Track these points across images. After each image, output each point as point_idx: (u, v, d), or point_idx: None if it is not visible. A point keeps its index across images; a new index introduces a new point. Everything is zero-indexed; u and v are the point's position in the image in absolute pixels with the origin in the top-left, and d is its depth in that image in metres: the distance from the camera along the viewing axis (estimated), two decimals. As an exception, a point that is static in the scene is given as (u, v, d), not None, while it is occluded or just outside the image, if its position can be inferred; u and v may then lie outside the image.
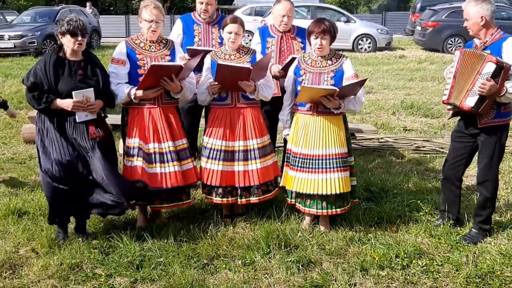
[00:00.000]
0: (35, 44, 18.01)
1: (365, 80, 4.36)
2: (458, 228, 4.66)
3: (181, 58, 4.61)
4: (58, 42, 4.26)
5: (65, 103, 4.10)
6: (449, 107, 4.48)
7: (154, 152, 4.46)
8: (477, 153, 4.47)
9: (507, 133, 4.39)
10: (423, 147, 7.19)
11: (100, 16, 25.68)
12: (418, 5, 23.63)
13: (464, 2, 4.31)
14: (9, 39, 18.05)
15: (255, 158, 4.62)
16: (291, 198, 4.69)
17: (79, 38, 4.15)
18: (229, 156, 4.62)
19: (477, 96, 4.08)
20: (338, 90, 4.22)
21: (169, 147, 4.49)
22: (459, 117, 4.55)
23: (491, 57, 4.02)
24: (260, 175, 4.63)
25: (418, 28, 19.81)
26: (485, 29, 4.22)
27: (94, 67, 4.31)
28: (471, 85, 4.12)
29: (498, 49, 4.15)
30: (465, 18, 4.26)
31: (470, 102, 4.13)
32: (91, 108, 4.18)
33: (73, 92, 4.08)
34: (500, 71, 3.99)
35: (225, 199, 4.71)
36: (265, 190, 4.71)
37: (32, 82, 4.12)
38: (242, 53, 4.69)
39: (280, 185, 4.76)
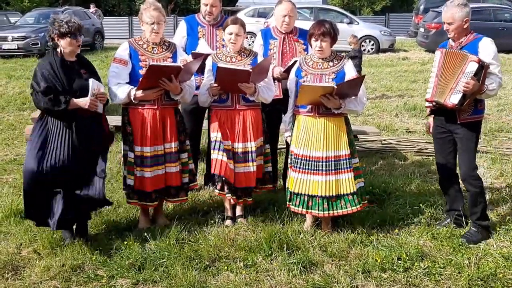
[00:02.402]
0: (39, 46, 18.07)
1: (363, 77, 4.40)
2: (461, 230, 4.65)
3: (182, 61, 4.62)
4: (51, 42, 4.22)
5: (81, 102, 4.10)
6: (427, 104, 4.69)
7: (148, 156, 4.51)
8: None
9: (480, 128, 4.61)
10: (426, 149, 7.17)
11: (104, 17, 25.72)
12: (422, 7, 23.60)
13: (445, 7, 4.44)
14: (12, 41, 18.13)
15: (252, 161, 4.65)
16: (290, 201, 4.66)
17: (79, 39, 4.17)
18: (229, 155, 4.65)
19: (461, 94, 4.25)
20: (336, 87, 4.23)
21: (163, 149, 4.54)
22: (433, 115, 4.72)
23: (473, 57, 4.21)
24: (256, 177, 4.70)
25: (421, 29, 19.76)
26: (465, 31, 4.38)
27: (88, 66, 4.34)
28: (454, 84, 4.30)
29: (474, 49, 4.32)
30: (448, 21, 4.37)
31: (454, 99, 4.31)
32: (101, 97, 4.19)
33: (90, 80, 4.10)
34: (482, 70, 4.19)
35: (232, 195, 4.78)
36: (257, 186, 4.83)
37: (46, 86, 4.06)
38: (243, 55, 4.71)
39: (287, 187, 4.74)
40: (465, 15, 4.31)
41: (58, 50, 4.20)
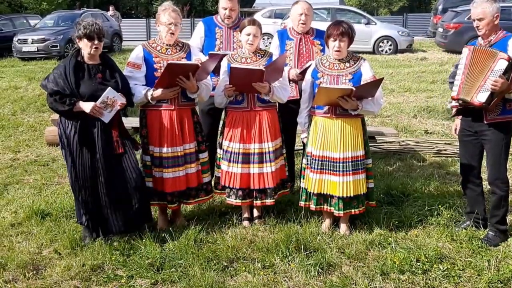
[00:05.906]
0: (58, 48, 18.28)
1: (381, 79, 4.36)
2: (480, 232, 4.60)
3: (197, 60, 4.65)
4: (76, 46, 4.32)
5: (85, 106, 4.14)
6: (454, 104, 4.51)
7: (167, 157, 4.56)
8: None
9: (511, 130, 4.43)
10: (445, 150, 7.11)
11: (122, 19, 25.93)
12: (440, 7, 23.36)
13: (474, 3, 4.34)
14: (32, 43, 18.36)
15: (270, 161, 4.65)
16: (307, 201, 4.68)
17: (96, 42, 4.20)
18: (246, 158, 4.67)
19: (489, 92, 4.14)
20: (354, 89, 4.22)
21: (182, 150, 4.59)
22: (461, 116, 4.59)
23: (503, 54, 4.09)
24: (274, 178, 4.69)
25: (440, 30, 19.56)
26: (495, 28, 4.29)
27: (112, 70, 4.36)
28: (482, 82, 4.18)
29: (503, 46, 4.21)
30: (479, 18, 4.28)
31: (481, 98, 4.19)
32: (118, 105, 4.21)
33: (108, 88, 4.13)
34: (511, 68, 4.05)
35: (244, 200, 4.77)
36: (279, 188, 4.85)
37: (54, 90, 4.16)
38: (259, 56, 4.72)
39: (302, 186, 4.75)
40: (496, 10, 4.22)
41: (82, 52, 4.28)
